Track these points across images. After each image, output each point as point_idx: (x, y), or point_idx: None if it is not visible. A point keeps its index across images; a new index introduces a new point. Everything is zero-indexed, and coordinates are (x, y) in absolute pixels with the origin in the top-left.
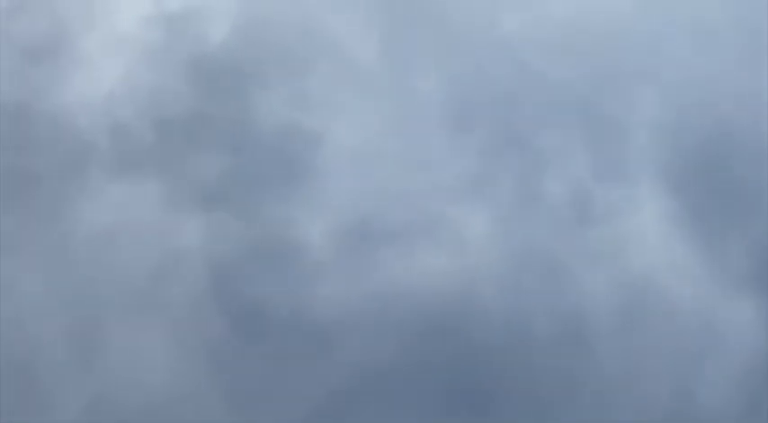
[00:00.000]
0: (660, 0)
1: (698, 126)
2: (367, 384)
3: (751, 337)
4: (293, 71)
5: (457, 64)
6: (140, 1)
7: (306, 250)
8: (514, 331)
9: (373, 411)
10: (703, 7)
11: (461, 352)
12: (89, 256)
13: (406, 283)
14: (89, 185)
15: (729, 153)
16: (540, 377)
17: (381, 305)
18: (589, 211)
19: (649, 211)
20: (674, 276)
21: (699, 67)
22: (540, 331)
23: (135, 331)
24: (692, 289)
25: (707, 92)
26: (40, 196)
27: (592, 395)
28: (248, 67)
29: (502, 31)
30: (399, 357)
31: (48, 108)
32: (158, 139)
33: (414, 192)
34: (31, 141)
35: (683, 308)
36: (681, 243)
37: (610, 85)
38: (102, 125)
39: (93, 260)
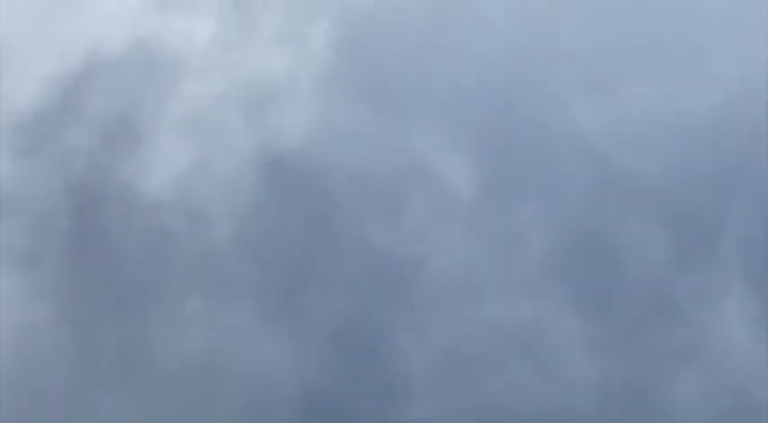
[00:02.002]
0: (752, 100)
1: None
2: None
3: None
4: (385, 193)
5: (555, 195)
6: (211, 78)
7: (403, 373)
8: None
9: None
10: None
11: None
12: (179, 382)
13: (504, 401)
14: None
15: None
16: None
17: None
18: (675, 316)
19: (737, 316)
20: (762, 381)
21: None
22: None
23: None
24: None
25: None
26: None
27: None
28: (333, 178)
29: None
30: None
31: (122, 194)
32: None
33: (510, 315)
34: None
35: None
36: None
37: (699, 189)
38: (180, 220)
39: (183, 386)
